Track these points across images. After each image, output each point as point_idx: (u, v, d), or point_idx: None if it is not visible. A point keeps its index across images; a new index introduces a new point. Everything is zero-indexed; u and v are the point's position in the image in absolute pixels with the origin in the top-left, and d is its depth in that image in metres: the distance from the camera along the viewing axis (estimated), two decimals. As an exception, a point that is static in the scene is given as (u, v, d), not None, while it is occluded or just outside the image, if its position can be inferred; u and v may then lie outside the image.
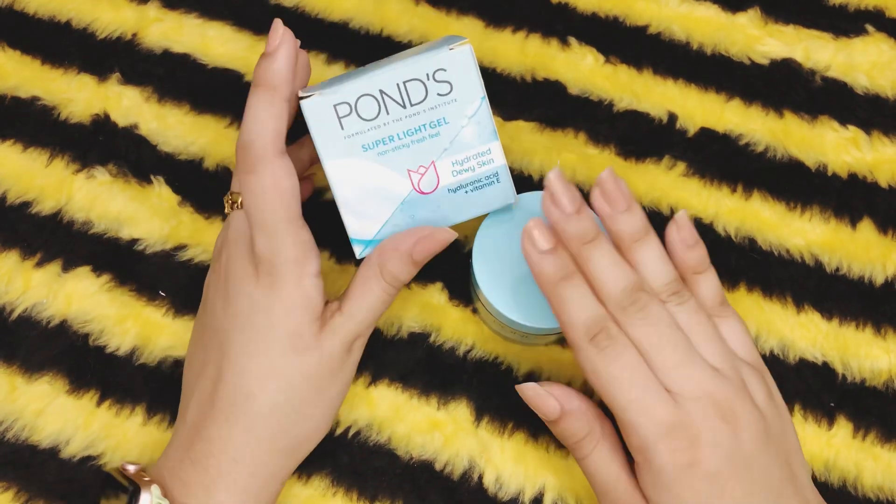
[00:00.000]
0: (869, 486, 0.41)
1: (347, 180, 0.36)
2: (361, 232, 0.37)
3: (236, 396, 0.35)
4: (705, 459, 0.32)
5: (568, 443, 0.36)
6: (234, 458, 0.35)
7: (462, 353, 0.43)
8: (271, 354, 0.35)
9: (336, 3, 0.50)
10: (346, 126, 0.35)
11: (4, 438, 0.41)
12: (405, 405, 0.42)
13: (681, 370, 0.33)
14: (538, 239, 0.34)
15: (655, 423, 0.32)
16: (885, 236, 0.45)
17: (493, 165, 0.36)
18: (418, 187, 0.36)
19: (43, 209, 0.46)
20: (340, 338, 0.36)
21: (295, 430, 0.36)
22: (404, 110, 0.35)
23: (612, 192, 0.34)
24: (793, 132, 0.47)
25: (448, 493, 0.40)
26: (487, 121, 0.36)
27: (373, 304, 0.37)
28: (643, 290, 0.34)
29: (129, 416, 0.42)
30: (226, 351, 0.36)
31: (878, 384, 0.42)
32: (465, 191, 0.37)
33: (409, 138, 0.36)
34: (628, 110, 0.47)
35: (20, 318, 0.44)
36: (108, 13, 0.50)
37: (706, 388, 0.32)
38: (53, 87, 0.48)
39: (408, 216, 0.37)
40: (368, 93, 0.35)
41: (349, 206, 0.36)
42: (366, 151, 0.36)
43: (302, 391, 0.36)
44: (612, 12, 0.50)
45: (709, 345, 0.34)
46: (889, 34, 0.49)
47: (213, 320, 0.37)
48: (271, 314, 0.35)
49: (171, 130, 0.47)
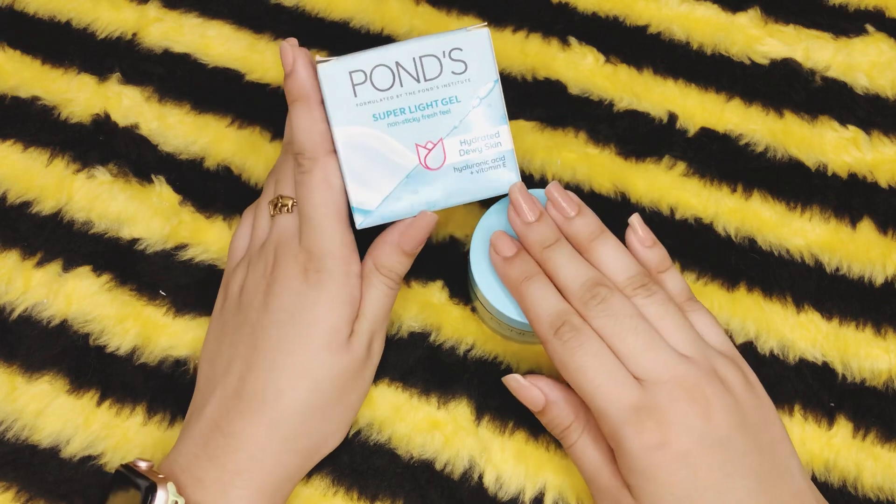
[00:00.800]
0: (869, 486, 0.41)
1: (355, 147, 0.36)
2: (364, 201, 0.37)
3: (266, 392, 0.36)
4: (674, 440, 0.32)
5: (555, 432, 0.37)
6: (254, 456, 0.35)
7: (462, 353, 0.43)
8: (308, 352, 0.36)
9: (336, 3, 0.50)
10: (359, 94, 0.36)
11: (5, 438, 0.41)
12: (405, 405, 0.42)
13: (646, 355, 0.34)
14: (501, 247, 0.37)
15: (622, 406, 0.33)
16: (885, 236, 0.45)
17: (501, 149, 0.37)
18: (424, 162, 0.37)
19: (43, 209, 0.46)
20: (364, 339, 0.38)
21: (316, 432, 0.37)
22: (418, 84, 0.36)
23: (559, 200, 0.37)
24: (793, 132, 0.47)
25: (448, 492, 0.40)
26: (499, 104, 0.37)
27: (378, 299, 0.38)
28: (603, 284, 0.35)
29: (130, 415, 0.42)
30: (259, 346, 0.37)
31: (878, 384, 0.42)
32: (471, 171, 0.37)
33: (420, 112, 0.36)
34: (628, 110, 0.47)
35: (20, 317, 0.43)
36: (109, 13, 0.50)
37: (673, 372, 0.33)
38: (54, 87, 0.48)
39: (411, 191, 0.37)
40: (384, 63, 0.36)
41: (354, 174, 0.37)
42: (376, 121, 0.36)
43: (328, 392, 0.37)
44: (612, 12, 0.50)
45: (677, 333, 0.35)
46: (889, 34, 0.49)
47: (245, 317, 0.38)
48: (315, 311, 0.36)
49: (171, 130, 0.47)
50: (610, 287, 0.35)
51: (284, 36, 0.49)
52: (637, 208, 0.45)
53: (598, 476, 0.35)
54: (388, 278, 0.38)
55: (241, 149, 0.47)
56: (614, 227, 0.39)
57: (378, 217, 0.37)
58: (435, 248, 0.45)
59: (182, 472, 0.35)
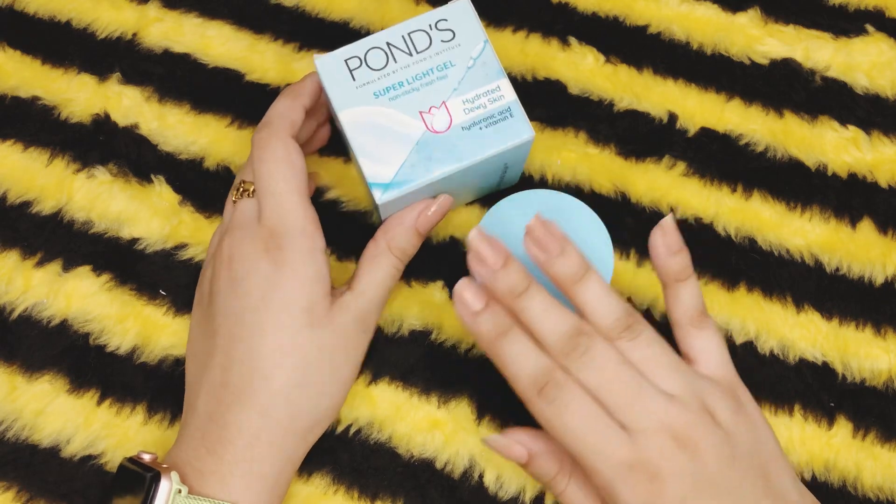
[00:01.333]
0: (869, 485, 0.41)
1: (361, 126, 0.37)
2: (379, 175, 0.37)
3: (252, 378, 0.36)
4: (669, 491, 0.31)
5: (542, 482, 0.36)
6: (250, 444, 0.35)
7: (463, 352, 0.43)
8: (287, 330, 0.36)
9: (336, 3, 0.50)
10: (357, 77, 0.38)
11: (5, 438, 0.41)
12: (406, 404, 0.42)
13: (634, 406, 0.32)
14: (469, 300, 0.34)
15: (613, 463, 0.32)
16: (885, 236, 0.45)
17: (504, 101, 0.38)
18: (431, 127, 0.37)
19: (43, 209, 0.46)
20: (352, 314, 0.37)
21: (309, 410, 0.37)
22: (411, 58, 0.38)
23: (542, 238, 0.34)
24: (793, 132, 0.47)
25: (449, 491, 0.40)
26: (493, 60, 0.38)
27: (382, 279, 0.38)
28: (583, 333, 0.33)
29: (130, 414, 0.42)
30: (235, 334, 0.36)
31: (878, 384, 0.42)
32: (479, 127, 0.37)
33: (418, 82, 0.38)
34: (628, 110, 0.47)
35: (20, 317, 0.44)
36: (109, 13, 0.50)
37: (662, 419, 0.32)
38: (54, 87, 0.48)
39: (424, 157, 0.37)
40: (376, 46, 0.38)
41: (365, 152, 0.37)
42: (377, 98, 0.37)
43: (318, 367, 0.36)
44: (612, 12, 0.50)
45: (665, 374, 0.33)
46: (889, 34, 0.49)
47: (218, 308, 0.37)
48: (285, 289, 0.36)
49: (171, 130, 0.47)
50: (591, 334, 0.33)
51: (284, 36, 0.49)
52: (637, 208, 0.45)
53: None
54: (399, 259, 0.39)
55: (240, 149, 0.47)
56: (615, 227, 0.39)
57: (396, 188, 0.37)
58: (435, 248, 0.45)
59: (183, 465, 0.35)
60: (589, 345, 0.33)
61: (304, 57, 0.49)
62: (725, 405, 0.34)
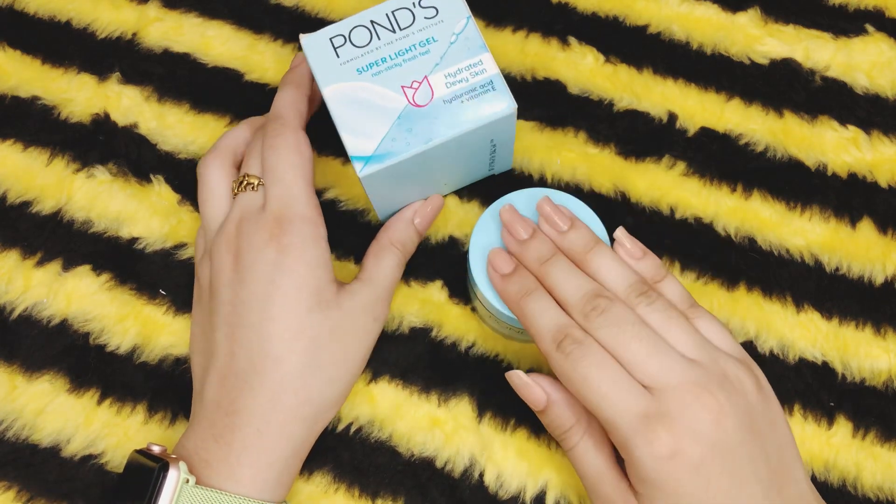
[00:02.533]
0: (868, 485, 0.41)
1: (343, 101, 0.38)
2: (360, 148, 0.37)
3: (263, 363, 0.36)
4: (686, 449, 0.31)
5: (555, 434, 0.36)
6: (259, 430, 0.35)
7: (463, 350, 0.43)
8: (296, 313, 0.36)
9: (336, 3, 0.50)
10: (341, 55, 0.38)
11: (5, 438, 0.41)
12: (406, 402, 0.42)
13: (652, 361, 0.33)
14: (500, 265, 0.38)
15: (631, 416, 0.32)
16: (885, 236, 0.45)
17: (487, 74, 0.38)
18: (413, 100, 0.38)
19: (43, 208, 0.46)
20: (361, 299, 0.38)
21: (318, 394, 0.37)
22: (394, 34, 0.38)
23: (551, 215, 0.38)
24: (793, 132, 0.47)
25: (449, 490, 0.40)
26: (475, 35, 0.38)
27: (387, 267, 0.40)
28: (603, 295, 0.35)
29: (131, 414, 0.42)
30: (243, 321, 0.36)
31: (878, 384, 0.42)
32: (461, 100, 0.38)
33: (401, 58, 0.38)
34: (628, 110, 0.47)
35: (20, 317, 0.44)
36: (108, 13, 0.50)
37: (681, 376, 0.32)
38: (54, 87, 0.48)
39: (405, 130, 0.37)
40: (360, 24, 0.39)
41: (347, 126, 0.37)
42: (360, 74, 0.38)
43: (328, 349, 0.37)
44: (612, 12, 0.50)
45: (683, 338, 0.34)
46: (889, 34, 0.49)
47: (221, 297, 0.37)
48: (292, 273, 0.36)
49: (170, 130, 0.47)
50: (610, 297, 0.35)
51: (284, 36, 0.49)
52: (637, 208, 0.45)
53: (600, 482, 0.34)
54: (400, 252, 0.41)
55: (241, 148, 0.47)
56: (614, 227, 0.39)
57: (377, 161, 0.37)
58: (434, 248, 0.45)
59: (190, 457, 0.35)
60: (608, 306, 0.34)
61: (304, 57, 0.49)
62: (746, 378, 0.34)
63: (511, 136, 0.41)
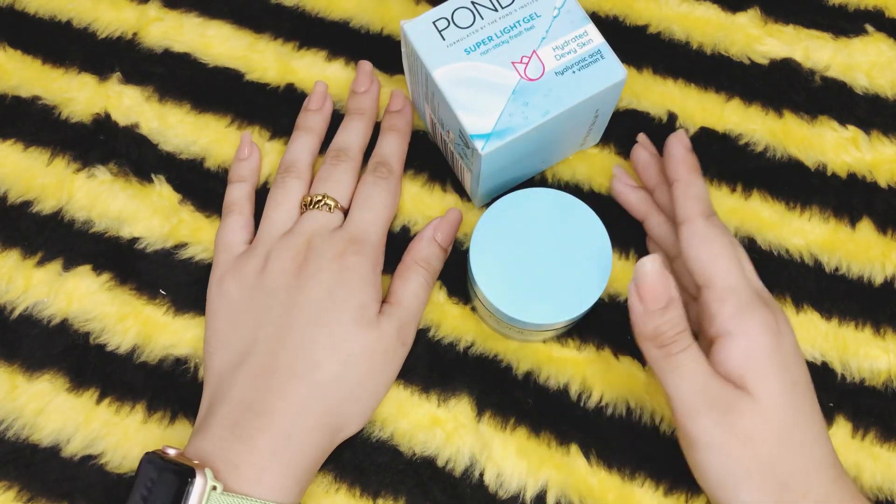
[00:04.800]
0: (868, 485, 0.41)
1: (456, 81, 0.38)
2: (479, 126, 0.38)
3: (302, 366, 0.37)
4: (786, 331, 0.35)
5: (665, 337, 0.34)
6: (288, 434, 0.36)
7: (462, 350, 0.43)
8: (341, 325, 0.38)
9: (336, 3, 0.50)
10: (446, 37, 0.39)
11: (5, 437, 0.41)
12: (407, 402, 0.42)
13: (754, 274, 0.38)
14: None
15: (750, 293, 0.35)
16: (885, 236, 0.45)
17: (594, 44, 0.39)
18: (525, 74, 0.38)
19: (44, 208, 0.46)
20: (395, 323, 0.39)
21: (343, 410, 0.38)
22: (496, 13, 0.40)
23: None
24: (792, 132, 0.47)
25: (450, 489, 0.40)
26: (577, 8, 0.39)
27: (416, 289, 0.41)
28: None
29: (130, 413, 0.42)
30: (294, 324, 0.38)
31: (878, 384, 0.42)
32: (573, 71, 0.38)
33: (507, 35, 0.39)
34: (628, 110, 0.47)
35: (21, 316, 0.44)
36: (109, 13, 0.50)
37: (761, 290, 0.37)
38: (54, 87, 0.48)
39: (522, 104, 0.38)
40: (462, 6, 0.40)
41: (462, 106, 0.38)
42: (469, 54, 0.39)
43: (360, 367, 0.38)
44: (612, 12, 0.50)
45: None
46: (889, 34, 0.49)
47: (274, 299, 0.38)
48: (350, 288, 0.39)
49: (171, 130, 0.47)
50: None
51: (284, 36, 0.49)
52: (637, 208, 0.45)
53: (707, 385, 0.33)
54: (426, 270, 0.41)
55: (241, 148, 0.47)
56: (614, 227, 0.39)
57: (498, 137, 0.38)
58: (435, 247, 0.45)
59: (211, 459, 0.34)
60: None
61: (303, 56, 0.49)
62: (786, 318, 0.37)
63: (613, 105, 0.42)
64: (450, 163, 0.45)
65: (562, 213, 0.39)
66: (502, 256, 0.38)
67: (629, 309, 0.35)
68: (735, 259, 0.36)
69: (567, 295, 0.37)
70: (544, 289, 0.37)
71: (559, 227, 0.38)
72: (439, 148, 0.46)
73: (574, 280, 0.37)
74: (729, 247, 0.36)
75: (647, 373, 0.42)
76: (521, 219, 0.39)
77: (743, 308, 0.35)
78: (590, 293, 0.37)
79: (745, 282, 0.36)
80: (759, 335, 0.34)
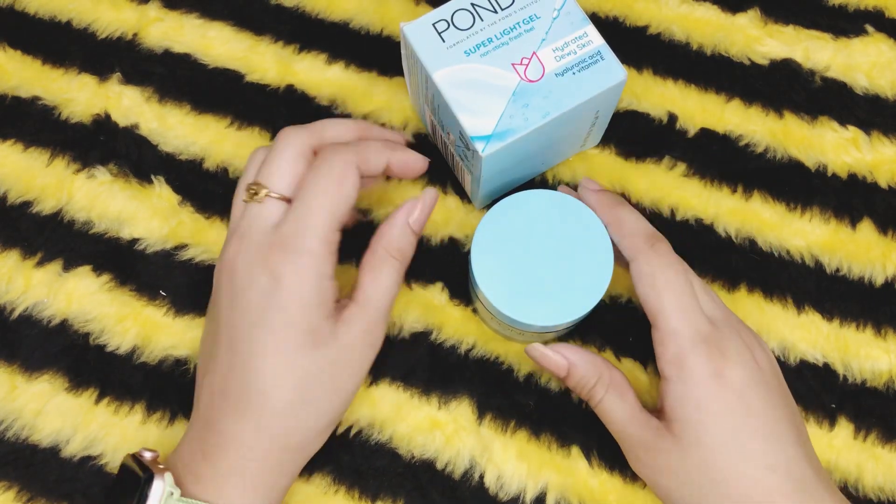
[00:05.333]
0: (870, 486, 0.41)
1: (456, 84, 0.38)
2: (480, 128, 0.38)
3: (250, 394, 0.34)
4: (734, 373, 0.34)
5: (582, 393, 0.38)
6: (245, 456, 0.35)
7: (463, 352, 0.43)
8: (287, 352, 0.34)
9: (336, 3, 0.50)
10: (446, 39, 0.39)
11: (5, 438, 0.41)
12: (406, 404, 0.42)
13: (710, 297, 0.38)
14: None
15: (695, 331, 0.35)
16: (885, 236, 0.45)
17: (594, 46, 0.39)
18: (525, 76, 0.38)
19: (43, 209, 0.46)
20: (358, 328, 0.36)
21: (307, 427, 0.36)
22: (496, 15, 0.39)
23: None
24: (793, 132, 0.47)
25: (450, 492, 0.40)
26: (576, 10, 0.39)
27: (386, 286, 0.37)
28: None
29: (129, 413, 0.42)
30: (236, 348, 0.35)
31: (879, 385, 0.42)
32: (573, 72, 0.38)
33: (507, 36, 0.39)
34: (628, 110, 0.47)
35: (21, 317, 0.43)
36: (109, 13, 0.50)
37: (727, 318, 0.37)
38: (54, 87, 0.48)
39: (522, 105, 0.38)
40: (461, 7, 0.40)
41: (463, 107, 0.38)
42: (469, 56, 0.39)
43: (319, 385, 0.35)
44: (612, 12, 0.50)
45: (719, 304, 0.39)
46: (889, 34, 0.49)
47: (221, 316, 0.36)
48: (284, 310, 0.34)
49: (171, 130, 0.47)
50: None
51: (285, 37, 0.49)
52: (638, 208, 0.45)
53: (630, 425, 0.36)
54: (398, 260, 0.37)
55: (240, 149, 0.47)
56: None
57: (498, 139, 0.38)
58: (435, 249, 0.45)
59: (182, 467, 0.35)
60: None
61: (304, 58, 0.49)
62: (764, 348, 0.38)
63: (613, 106, 0.42)
64: (450, 165, 0.45)
65: (563, 214, 0.39)
66: (504, 258, 0.38)
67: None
68: (681, 294, 0.36)
69: (569, 297, 0.37)
70: (546, 291, 0.37)
71: (560, 229, 0.38)
72: (439, 150, 0.46)
73: (576, 282, 0.37)
74: (674, 280, 0.36)
75: (648, 375, 0.42)
76: (522, 220, 0.39)
77: (680, 354, 0.35)
78: (592, 295, 0.37)
79: (689, 322, 0.35)
80: (692, 385, 0.35)
